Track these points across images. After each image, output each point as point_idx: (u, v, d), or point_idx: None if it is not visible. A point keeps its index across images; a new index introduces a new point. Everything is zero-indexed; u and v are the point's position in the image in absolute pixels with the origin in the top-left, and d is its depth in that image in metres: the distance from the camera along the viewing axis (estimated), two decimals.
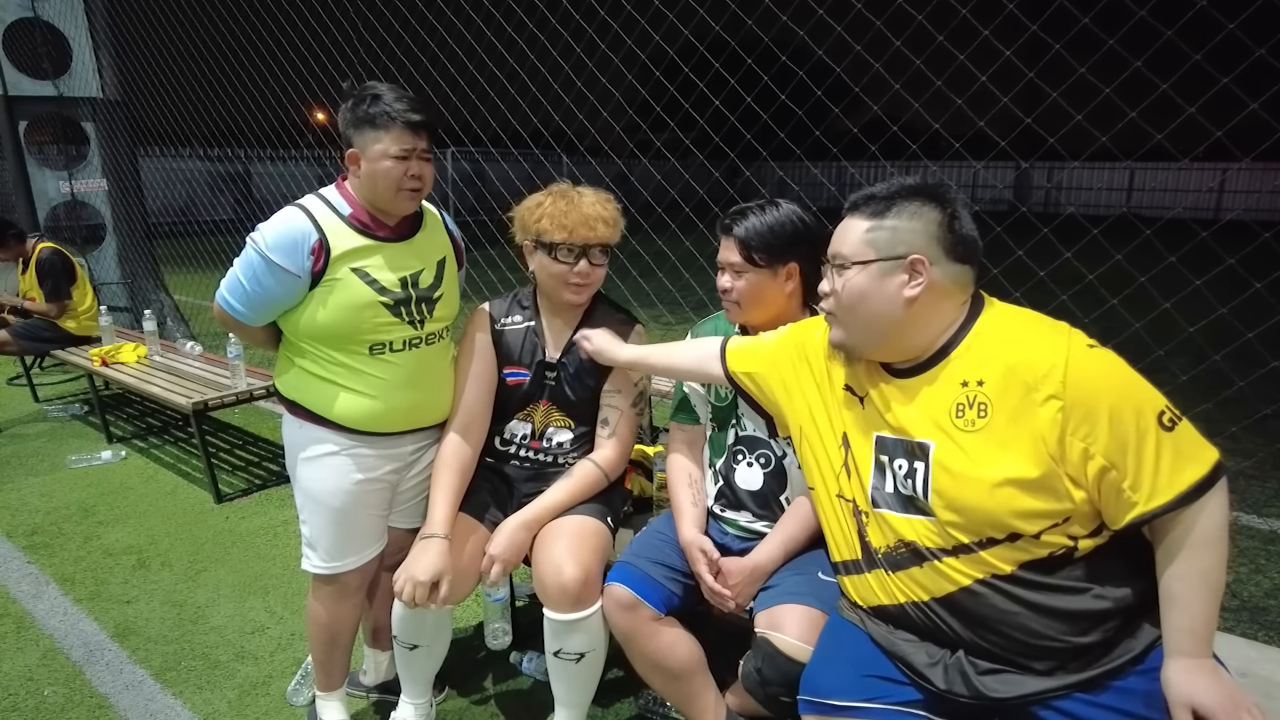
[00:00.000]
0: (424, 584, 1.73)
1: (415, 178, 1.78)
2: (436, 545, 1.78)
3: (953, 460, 1.28)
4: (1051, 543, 1.24)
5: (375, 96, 1.74)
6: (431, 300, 1.89)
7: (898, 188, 1.35)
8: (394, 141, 1.73)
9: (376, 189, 1.77)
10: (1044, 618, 1.24)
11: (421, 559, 1.76)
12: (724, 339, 1.79)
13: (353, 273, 1.77)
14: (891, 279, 1.32)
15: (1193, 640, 1.18)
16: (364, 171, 1.76)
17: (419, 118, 1.75)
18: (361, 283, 1.78)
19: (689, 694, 1.79)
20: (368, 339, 1.81)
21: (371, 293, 1.79)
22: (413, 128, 1.74)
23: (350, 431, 1.85)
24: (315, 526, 1.90)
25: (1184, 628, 1.18)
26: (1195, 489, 1.16)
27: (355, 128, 1.75)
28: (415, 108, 1.75)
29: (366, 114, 1.73)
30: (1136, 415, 1.17)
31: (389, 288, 1.81)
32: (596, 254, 1.90)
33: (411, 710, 2.04)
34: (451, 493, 1.88)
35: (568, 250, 1.87)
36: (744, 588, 1.71)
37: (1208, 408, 4.03)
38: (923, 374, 1.35)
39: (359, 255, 1.78)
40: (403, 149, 1.74)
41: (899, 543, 1.37)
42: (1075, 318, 2.75)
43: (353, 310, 1.77)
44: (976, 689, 1.28)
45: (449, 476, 1.90)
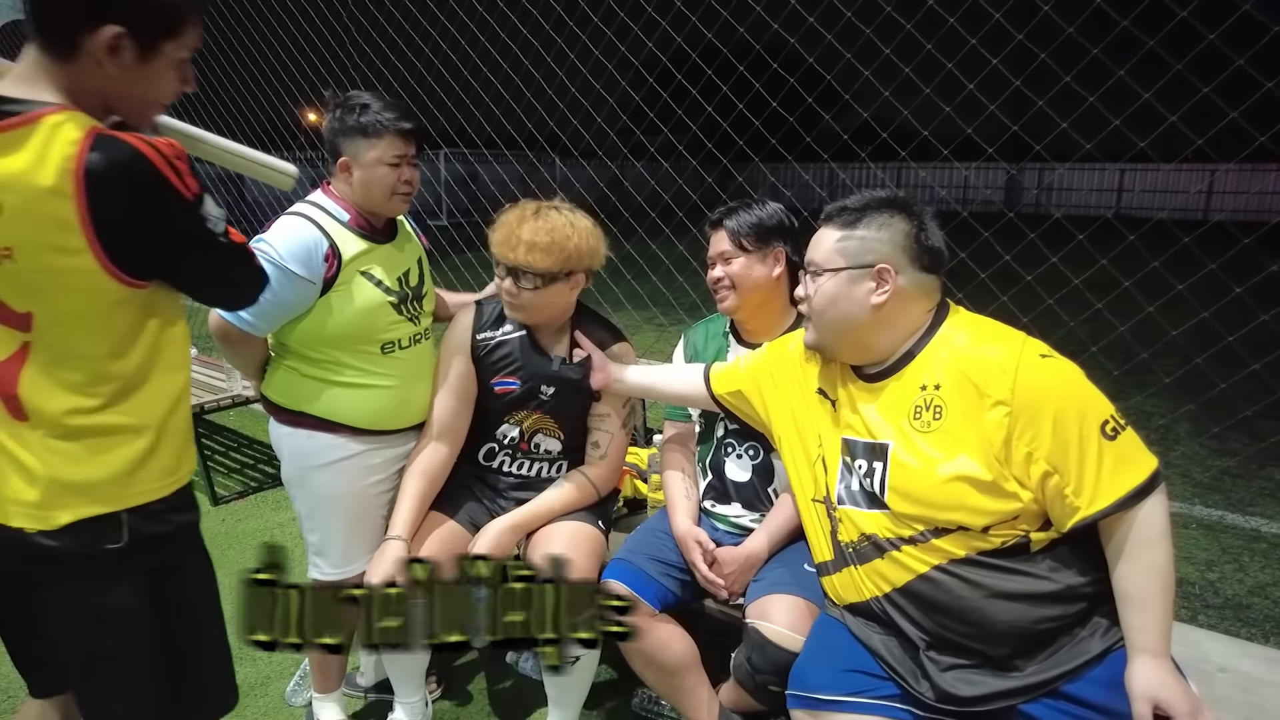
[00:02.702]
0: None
1: (407, 182, 1.85)
2: (393, 548, 1.80)
3: (908, 458, 1.36)
4: (1002, 535, 1.30)
5: (364, 105, 1.79)
6: (421, 296, 1.96)
7: (868, 200, 1.43)
8: (388, 148, 1.79)
9: (371, 194, 1.82)
10: (1000, 600, 1.30)
11: (378, 563, 1.79)
12: (706, 366, 1.87)
13: (361, 276, 1.82)
14: (860, 286, 1.39)
15: (1153, 638, 1.23)
16: (357, 179, 1.81)
17: (410, 125, 1.82)
18: (370, 284, 1.83)
19: (683, 690, 1.83)
20: (380, 338, 1.86)
21: (380, 294, 1.84)
22: (404, 135, 1.81)
23: (364, 433, 1.87)
24: (326, 534, 1.92)
25: (1143, 626, 1.24)
26: (1134, 494, 1.24)
27: (346, 136, 1.80)
28: (405, 115, 1.82)
29: (358, 123, 1.79)
30: (1080, 423, 1.25)
31: (392, 287, 1.87)
32: (523, 278, 1.86)
33: (404, 710, 2.06)
34: (419, 498, 1.89)
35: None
36: (738, 576, 1.76)
37: (1192, 409, 4.11)
38: (888, 378, 1.43)
39: (364, 259, 1.83)
40: (396, 155, 1.80)
41: (862, 536, 1.43)
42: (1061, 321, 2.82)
43: (367, 312, 1.82)
44: (941, 689, 1.33)
45: (418, 483, 1.90)
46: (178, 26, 1.15)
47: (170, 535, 1.27)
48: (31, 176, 1.03)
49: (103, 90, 1.12)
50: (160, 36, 1.13)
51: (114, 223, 1.07)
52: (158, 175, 1.08)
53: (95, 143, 1.05)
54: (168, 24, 1.13)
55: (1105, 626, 1.30)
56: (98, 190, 1.05)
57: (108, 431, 1.17)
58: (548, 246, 1.84)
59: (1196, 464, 3.98)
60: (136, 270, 1.13)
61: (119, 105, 1.17)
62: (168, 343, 1.23)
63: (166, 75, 1.18)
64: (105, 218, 1.06)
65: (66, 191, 1.04)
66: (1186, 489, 3.69)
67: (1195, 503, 3.55)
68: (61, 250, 1.06)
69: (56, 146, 1.04)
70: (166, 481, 1.25)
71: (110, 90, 1.13)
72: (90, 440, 1.16)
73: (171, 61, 1.17)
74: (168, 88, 1.20)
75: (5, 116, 1.04)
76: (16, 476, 1.16)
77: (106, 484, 1.17)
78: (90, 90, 1.11)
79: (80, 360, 1.14)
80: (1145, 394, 4.56)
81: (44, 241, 1.06)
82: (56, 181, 1.03)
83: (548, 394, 1.97)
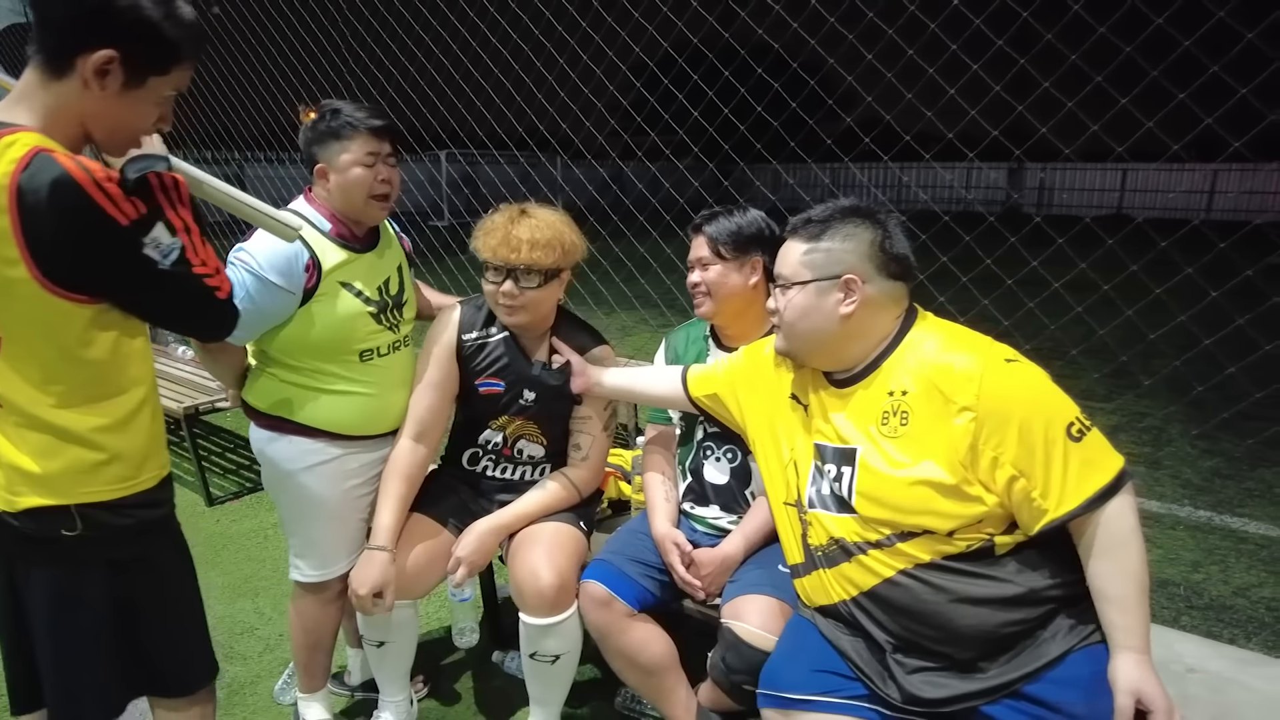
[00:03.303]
0: (364, 597, 1.79)
1: (384, 182, 1.84)
2: (379, 559, 1.82)
3: (875, 462, 1.38)
4: (967, 539, 1.32)
5: (335, 110, 1.81)
6: (401, 304, 1.96)
7: (833, 210, 1.45)
8: (360, 148, 1.79)
9: (349, 198, 1.82)
10: (963, 605, 1.32)
11: (362, 571, 1.81)
12: (684, 368, 1.89)
13: (341, 286, 1.82)
14: (828, 297, 1.41)
15: (1135, 637, 1.26)
16: (334, 184, 1.82)
17: (380, 123, 1.82)
18: (349, 294, 1.83)
19: (661, 689, 1.85)
20: (359, 347, 1.87)
21: (359, 303, 1.85)
22: (376, 132, 1.81)
23: (343, 438, 1.88)
24: (306, 537, 1.95)
25: (1124, 625, 1.27)
26: (1100, 494, 1.26)
27: (319, 143, 1.81)
28: (376, 114, 1.82)
29: (329, 127, 1.80)
30: (1046, 427, 1.26)
31: (371, 297, 1.87)
32: (525, 276, 1.88)
33: (390, 709, 2.09)
34: (399, 501, 1.90)
35: (494, 270, 1.89)
36: (715, 578, 1.79)
37: (1173, 409, 4.13)
38: (858, 383, 1.45)
39: (345, 269, 1.83)
40: (369, 153, 1.80)
41: (830, 540, 1.45)
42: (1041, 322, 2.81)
43: (346, 322, 1.83)
44: (907, 691, 1.35)
45: (397, 485, 1.91)
46: (169, 64, 1.22)
47: (130, 529, 1.32)
48: None
49: (82, 112, 1.19)
50: (150, 69, 1.20)
51: (42, 239, 1.13)
52: (83, 196, 1.12)
53: (30, 161, 1.10)
54: (160, 60, 1.21)
55: (1067, 628, 1.32)
56: (26, 206, 1.10)
57: (61, 433, 1.24)
58: (549, 242, 1.87)
59: (1187, 465, 3.99)
60: (72, 285, 1.18)
61: (95, 129, 1.23)
62: (124, 357, 1.28)
63: (147, 108, 1.24)
64: (34, 233, 1.12)
65: (2, 205, 1.10)
66: (1175, 490, 3.71)
67: (1184, 503, 3.56)
68: (4, 260, 1.13)
69: (1, 164, 1.10)
70: (121, 486, 1.30)
71: (89, 113, 1.19)
72: (48, 436, 1.23)
73: (155, 97, 1.24)
74: (145, 121, 1.26)
75: None
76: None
77: (58, 478, 1.24)
78: (70, 111, 1.18)
79: (37, 360, 1.21)
80: (1136, 394, 4.59)
81: None
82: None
83: (529, 399, 1.99)
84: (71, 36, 1.15)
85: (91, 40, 1.14)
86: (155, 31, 1.18)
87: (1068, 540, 1.33)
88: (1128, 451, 4.08)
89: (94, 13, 1.14)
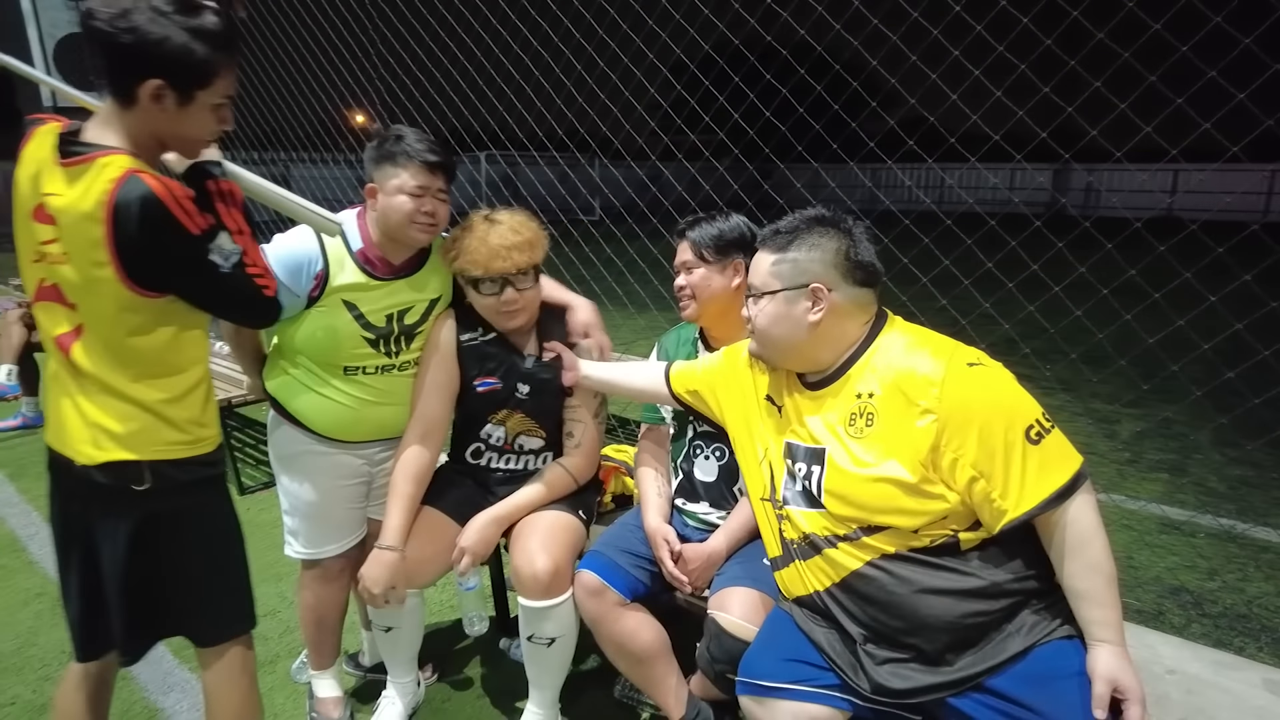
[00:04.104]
0: (376, 595, 1.89)
1: (428, 214, 1.88)
2: (387, 559, 1.90)
3: (842, 461, 1.43)
4: (931, 534, 1.36)
5: (398, 137, 1.87)
6: (412, 334, 2.00)
7: (800, 221, 1.50)
8: (411, 178, 1.84)
9: (390, 222, 1.87)
10: (927, 596, 1.36)
11: (372, 570, 1.90)
12: (668, 364, 1.95)
13: (344, 304, 1.89)
14: (796, 306, 1.46)
15: (1110, 630, 1.30)
16: (380, 205, 1.87)
17: (436, 158, 1.86)
18: (349, 314, 1.90)
19: (652, 677, 1.91)
20: (342, 362, 1.94)
21: (356, 326, 1.91)
22: (429, 167, 1.85)
23: (322, 436, 1.99)
24: (295, 517, 2.06)
25: (1099, 620, 1.31)
26: (1058, 494, 1.30)
27: (376, 164, 1.88)
28: (434, 149, 1.87)
29: (388, 151, 1.86)
30: (1005, 430, 1.30)
31: (374, 323, 1.93)
32: (520, 279, 1.95)
33: (397, 690, 2.19)
34: (408, 501, 1.98)
35: (490, 283, 1.94)
36: (700, 572, 1.85)
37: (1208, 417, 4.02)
38: (828, 386, 1.49)
39: (353, 290, 1.89)
40: (418, 185, 1.85)
41: (802, 535, 1.50)
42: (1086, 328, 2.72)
43: (333, 336, 1.90)
44: (875, 681, 1.40)
45: (406, 487, 1.98)
46: (208, 79, 1.40)
47: (191, 484, 1.54)
48: (80, 203, 1.33)
49: (155, 131, 1.41)
50: (195, 87, 1.39)
51: (128, 244, 1.35)
52: (164, 210, 1.33)
53: (124, 181, 1.32)
54: (200, 77, 1.38)
55: (1031, 624, 1.35)
56: (119, 218, 1.32)
57: (134, 402, 1.46)
58: (530, 242, 1.95)
59: (1214, 472, 3.91)
60: (147, 283, 1.40)
61: (170, 142, 1.45)
62: (183, 342, 1.51)
63: (205, 117, 1.44)
64: (123, 240, 1.34)
65: (99, 217, 1.33)
66: (1199, 497, 3.65)
67: (1206, 511, 3.50)
68: (95, 262, 1.36)
69: (99, 182, 1.33)
70: (183, 447, 1.52)
71: (159, 130, 1.41)
72: (124, 404, 1.45)
73: (207, 106, 1.43)
74: (206, 128, 1.46)
75: (78, 155, 1.35)
76: (76, 419, 1.46)
77: (133, 437, 1.46)
78: (145, 132, 1.40)
79: (112, 343, 1.43)
80: (1178, 402, 4.48)
81: (85, 253, 1.36)
82: (93, 208, 1.33)
83: (524, 392, 2.07)
84: (124, 74, 1.34)
85: (140, 73, 1.33)
86: (188, 56, 1.35)
87: (1033, 537, 1.36)
88: (1154, 458, 4.05)
89: (135, 53, 1.32)
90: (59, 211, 1.36)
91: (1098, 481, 3.84)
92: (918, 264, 3.01)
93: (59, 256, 1.39)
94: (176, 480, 1.51)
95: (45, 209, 1.38)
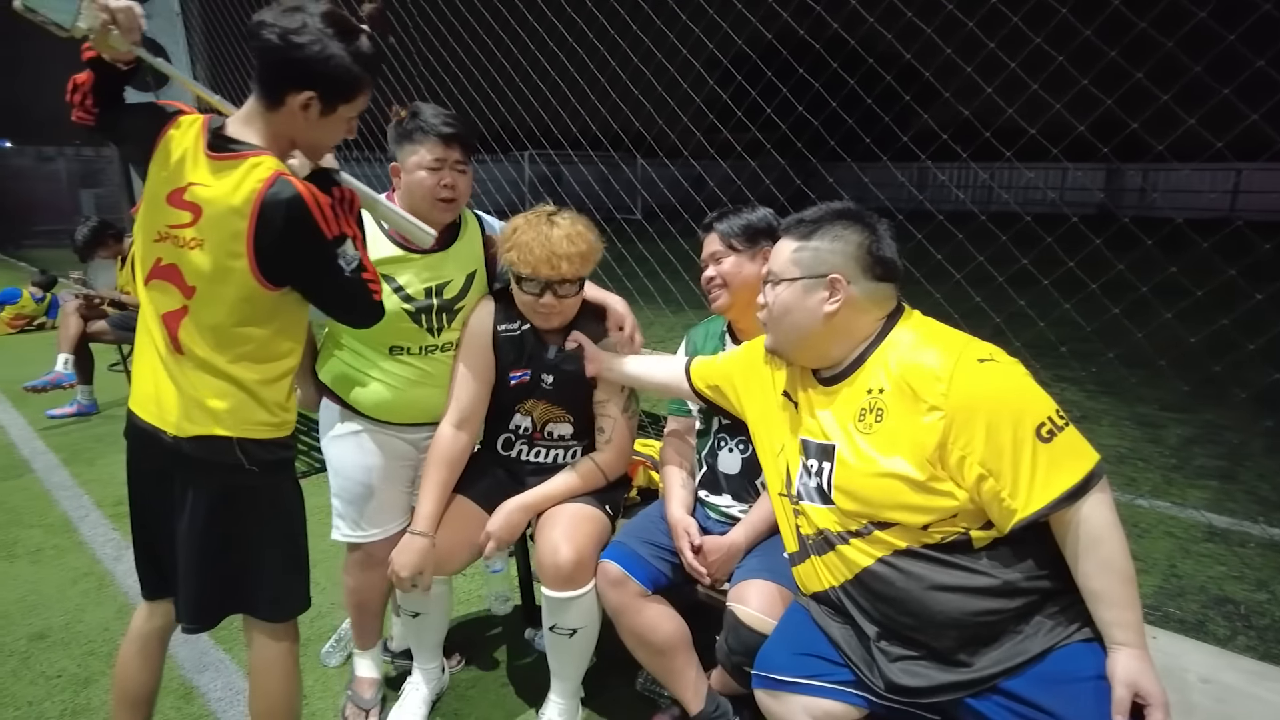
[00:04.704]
0: (404, 579, 1.92)
1: (448, 187, 1.91)
2: (418, 544, 1.93)
3: (850, 457, 1.41)
4: (942, 531, 1.34)
5: (414, 113, 1.91)
6: (453, 310, 2.02)
7: (824, 212, 1.49)
8: (428, 152, 1.88)
9: (414, 199, 1.91)
10: (937, 592, 1.34)
11: (402, 555, 1.93)
12: (689, 359, 1.95)
13: (382, 279, 1.87)
14: (813, 295, 1.45)
15: (1129, 633, 1.26)
16: (403, 183, 1.92)
17: (451, 130, 1.89)
18: (388, 287, 1.92)
19: (671, 669, 1.91)
20: (388, 341, 1.97)
21: (397, 300, 1.94)
22: (445, 139, 1.89)
23: (366, 417, 2.04)
24: (342, 499, 2.09)
25: (1117, 621, 1.27)
26: (1069, 494, 1.26)
27: (397, 143, 1.93)
28: (449, 121, 1.90)
29: (406, 129, 1.90)
30: (1014, 427, 1.27)
31: (414, 296, 1.96)
32: (562, 287, 1.95)
33: (422, 676, 2.22)
34: (441, 488, 2.01)
35: (532, 283, 1.95)
36: (720, 565, 1.84)
37: (1266, 423, 3.87)
38: (842, 381, 1.48)
39: (390, 264, 1.93)
40: (436, 159, 1.88)
41: (817, 530, 1.49)
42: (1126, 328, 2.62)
43: None
44: (889, 679, 1.38)
45: (439, 472, 2.01)
46: (353, 95, 1.53)
47: (272, 463, 1.62)
48: (230, 197, 1.44)
49: (291, 134, 1.53)
50: (340, 101, 1.52)
51: (267, 240, 1.46)
52: (306, 212, 1.45)
53: (273, 182, 1.44)
54: (346, 93, 1.52)
55: (1049, 626, 1.32)
56: (264, 216, 1.44)
57: (231, 380, 1.55)
58: (585, 254, 1.95)
59: (1266, 480, 3.77)
60: (272, 277, 1.50)
61: (301, 145, 1.57)
62: (284, 333, 1.61)
63: (339, 127, 1.57)
64: (262, 236, 1.45)
65: (246, 212, 1.44)
66: (1249, 505, 3.52)
67: (1259, 520, 3.37)
68: (232, 254, 1.47)
69: (249, 181, 1.44)
70: (269, 428, 1.61)
71: (296, 134, 1.54)
72: (221, 381, 1.54)
73: (343, 118, 1.56)
74: (337, 138, 1.60)
75: (228, 150, 1.47)
76: (171, 393, 1.55)
77: (227, 415, 1.55)
78: (282, 134, 1.52)
79: (218, 327, 1.53)
80: (1224, 406, 4.34)
81: (224, 244, 1.47)
82: (242, 204, 1.44)
83: (548, 382, 2.08)
84: (280, 81, 1.46)
85: (296, 83, 1.45)
86: (344, 75, 1.48)
87: (1047, 535, 1.33)
88: (1200, 465, 3.92)
89: (298, 64, 1.44)
90: (205, 202, 1.46)
91: (1141, 487, 3.74)
92: (953, 263, 2.96)
93: (190, 242, 1.48)
94: (260, 459, 1.58)
95: (187, 196, 1.47)
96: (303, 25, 1.42)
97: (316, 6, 1.46)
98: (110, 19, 1.41)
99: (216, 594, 1.65)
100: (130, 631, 1.77)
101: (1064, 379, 4.99)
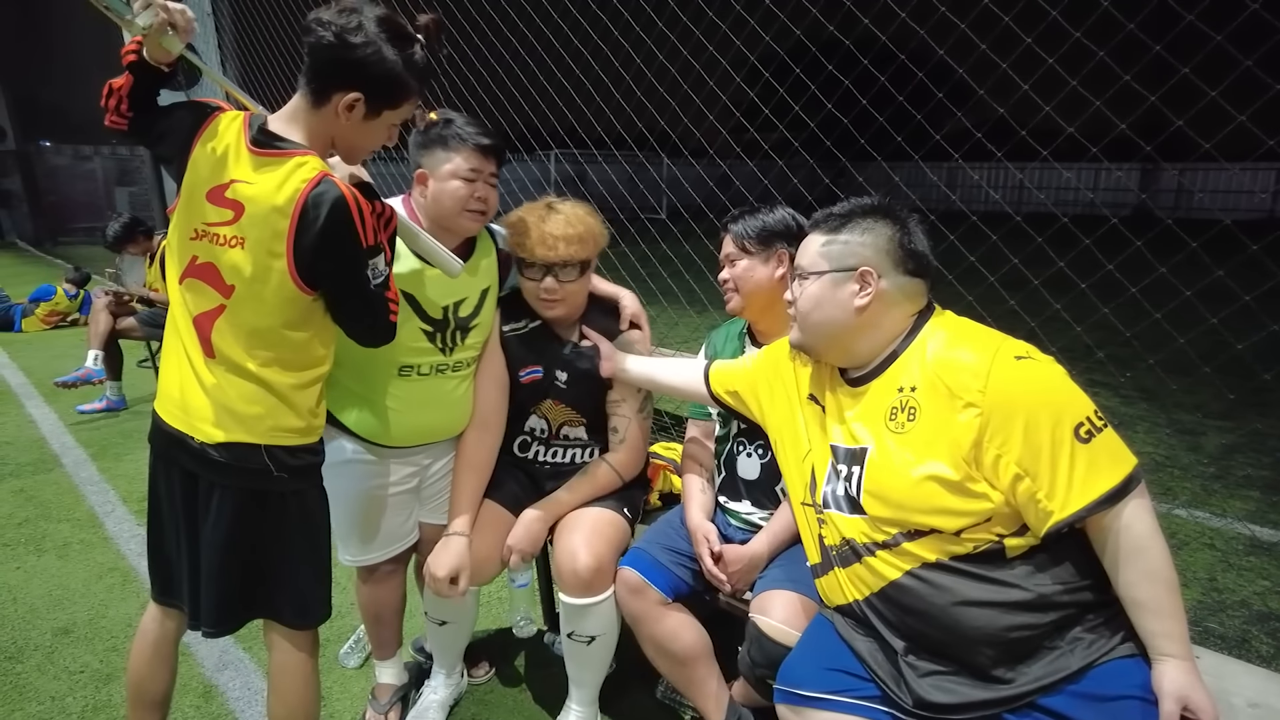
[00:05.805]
0: (441, 580, 1.87)
1: (480, 199, 1.84)
2: (456, 544, 1.91)
3: (882, 459, 1.36)
4: (975, 539, 1.28)
5: (448, 121, 1.84)
6: (467, 328, 1.95)
7: (854, 206, 1.45)
8: (464, 161, 1.80)
9: (442, 208, 1.83)
10: (967, 608, 1.28)
11: (440, 556, 1.90)
12: (708, 363, 1.90)
13: (402, 295, 1.82)
14: (843, 289, 1.40)
15: (1175, 643, 1.21)
16: (432, 191, 1.82)
17: (489, 141, 1.82)
18: (406, 304, 1.84)
19: (692, 679, 1.87)
20: (399, 360, 1.87)
21: (414, 316, 1.86)
22: (482, 150, 1.81)
23: (366, 441, 1.93)
24: (342, 526, 1.99)
25: (1162, 632, 1.22)
26: (1108, 496, 1.21)
27: (425, 149, 1.83)
28: (486, 133, 1.83)
29: (438, 135, 1.81)
30: (1053, 426, 1.21)
31: (430, 314, 1.88)
32: (563, 271, 1.93)
33: (442, 679, 2.21)
34: (472, 492, 1.99)
35: (534, 268, 1.93)
36: (741, 574, 1.80)
37: None
38: (871, 381, 1.43)
39: (409, 278, 1.83)
40: (472, 169, 1.81)
41: (842, 540, 1.43)
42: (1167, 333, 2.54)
43: None
44: (918, 695, 1.32)
45: (468, 476, 2.00)
46: (400, 101, 1.52)
47: (299, 469, 1.60)
48: (274, 196, 1.42)
49: (332, 133, 1.51)
50: (386, 106, 1.51)
51: (306, 240, 1.44)
52: (348, 215, 1.43)
53: (318, 182, 1.42)
54: (394, 99, 1.51)
55: (1088, 641, 1.26)
56: (305, 214, 1.42)
57: (263, 384, 1.52)
58: (582, 236, 1.92)
59: None
60: (309, 280, 1.49)
61: (340, 146, 1.55)
62: (316, 340, 1.59)
63: (379, 131, 1.56)
64: (301, 235, 1.43)
65: (288, 212, 1.42)
66: None
67: None
68: (273, 253, 1.45)
69: (293, 180, 1.42)
70: (297, 435, 1.59)
71: (337, 134, 1.52)
72: (252, 385, 1.51)
73: (386, 123, 1.54)
74: (377, 143, 1.58)
75: (273, 146, 1.46)
76: (200, 397, 1.52)
77: (255, 420, 1.53)
78: (324, 133, 1.51)
79: (256, 329, 1.50)
80: (1269, 416, 4.21)
81: (265, 243, 1.44)
82: (285, 203, 1.42)
83: (563, 380, 2.05)
84: (331, 79, 1.45)
85: (345, 83, 1.44)
86: (395, 79, 1.47)
87: (1083, 546, 1.27)
88: (1243, 474, 3.80)
89: (350, 64, 1.43)
90: (248, 200, 1.44)
91: (1178, 497, 3.63)
92: (987, 265, 2.88)
93: (230, 240, 1.46)
94: (287, 465, 1.57)
95: (229, 193, 1.45)
96: (359, 25, 1.41)
97: (374, 10, 1.45)
98: (169, 19, 1.42)
99: (239, 599, 1.62)
100: (142, 633, 1.76)
101: (1099, 384, 4.87)
